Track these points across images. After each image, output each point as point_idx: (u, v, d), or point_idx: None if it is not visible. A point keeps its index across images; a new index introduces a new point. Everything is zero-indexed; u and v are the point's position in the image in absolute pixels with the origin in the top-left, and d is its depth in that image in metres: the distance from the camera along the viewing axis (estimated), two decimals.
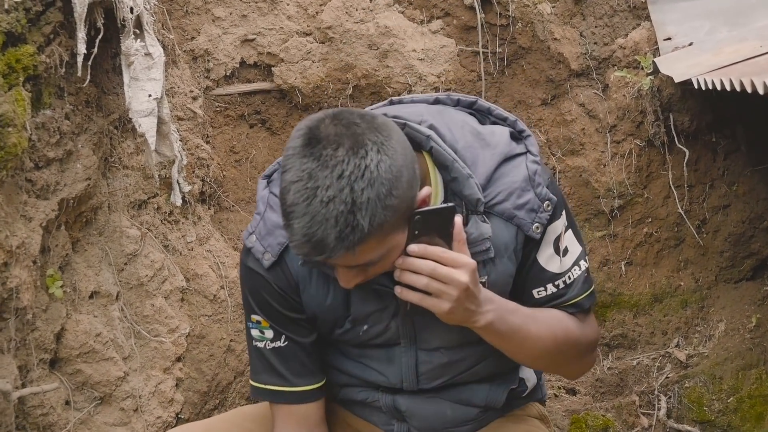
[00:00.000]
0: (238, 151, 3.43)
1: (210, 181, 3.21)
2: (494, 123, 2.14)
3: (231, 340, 3.13)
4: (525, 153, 2.09)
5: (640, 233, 3.45)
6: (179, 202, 2.93)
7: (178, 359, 2.93)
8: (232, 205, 3.34)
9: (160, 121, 2.71)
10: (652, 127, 3.28)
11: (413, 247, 1.88)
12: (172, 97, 3.06)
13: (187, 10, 3.29)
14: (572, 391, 3.33)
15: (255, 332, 2.17)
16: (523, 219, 2.04)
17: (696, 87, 2.74)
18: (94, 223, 2.77)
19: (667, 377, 3.21)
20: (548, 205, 2.05)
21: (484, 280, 2.01)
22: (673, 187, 3.36)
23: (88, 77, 2.50)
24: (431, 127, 2.02)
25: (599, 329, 2.14)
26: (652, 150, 3.35)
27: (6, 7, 2.21)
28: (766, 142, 3.32)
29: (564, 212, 2.11)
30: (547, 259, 2.09)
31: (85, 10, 2.40)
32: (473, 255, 1.97)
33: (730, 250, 3.44)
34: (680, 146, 3.28)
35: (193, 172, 3.11)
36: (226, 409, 3.08)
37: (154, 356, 2.86)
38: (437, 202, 1.99)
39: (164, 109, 2.71)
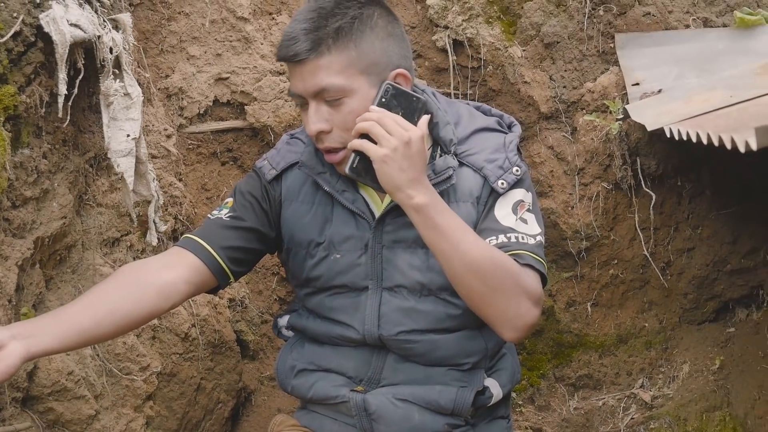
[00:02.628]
0: (209, 189, 3.45)
1: (182, 218, 3.21)
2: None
3: (201, 379, 3.13)
4: (506, 133, 2.38)
5: (606, 275, 3.49)
6: (155, 242, 2.92)
7: (149, 397, 2.92)
8: None
9: (138, 161, 2.70)
10: (620, 170, 3.32)
11: (374, 107, 2.16)
12: (147, 135, 3.06)
13: (162, 49, 3.30)
14: None
15: (215, 211, 2.45)
16: (491, 171, 2.29)
17: (669, 136, 2.78)
18: (68, 260, 2.76)
19: (632, 418, 3.25)
20: (517, 170, 2.29)
21: None
22: (639, 230, 3.40)
23: (68, 117, 2.50)
24: (432, 93, 2.36)
25: (542, 291, 2.24)
26: (619, 193, 3.39)
27: None
28: (731, 186, 3.38)
29: (531, 194, 2.32)
30: (503, 215, 2.27)
31: (67, 51, 2.40)
32: (436, 184, 2.23)
33: (694, 292, 3.49)
34: (647, 189, 3.32)
35: (167, 210, 3.11)
36: None
37: (125, 394, 2.85)
38: None
39: (141, 148, 2.71)
